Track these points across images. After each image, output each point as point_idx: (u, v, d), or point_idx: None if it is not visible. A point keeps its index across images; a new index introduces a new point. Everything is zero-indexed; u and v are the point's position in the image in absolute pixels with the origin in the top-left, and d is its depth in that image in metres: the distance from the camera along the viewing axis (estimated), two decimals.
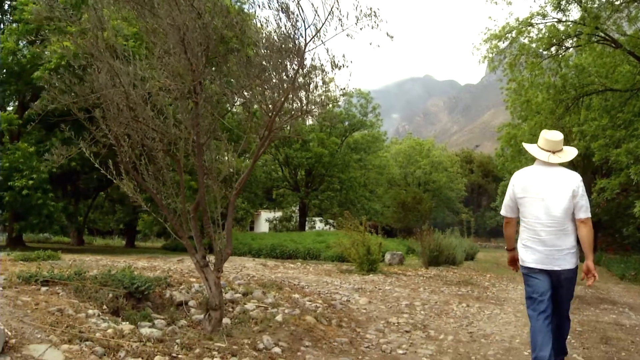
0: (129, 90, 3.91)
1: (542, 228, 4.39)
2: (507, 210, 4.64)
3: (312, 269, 10.49)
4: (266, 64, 4.52)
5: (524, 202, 4.50)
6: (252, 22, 4.58)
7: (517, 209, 4.56)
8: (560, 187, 4.37)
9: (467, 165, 63.19)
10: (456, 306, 6.88)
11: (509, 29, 23.70)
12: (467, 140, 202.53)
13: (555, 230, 4.37)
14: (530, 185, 4.49)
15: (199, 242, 4.68)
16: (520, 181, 4.56)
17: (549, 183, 4.43)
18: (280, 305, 5.53)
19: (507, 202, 4.65)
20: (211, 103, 4.50)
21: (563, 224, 4.37)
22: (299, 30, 4.55)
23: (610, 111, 22.15)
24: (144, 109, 4.06)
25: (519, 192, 4.51)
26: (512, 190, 4.57)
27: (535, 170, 4.54)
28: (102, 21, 3.92)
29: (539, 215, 4.41)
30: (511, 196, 4.58)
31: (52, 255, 8.46)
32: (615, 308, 7.98)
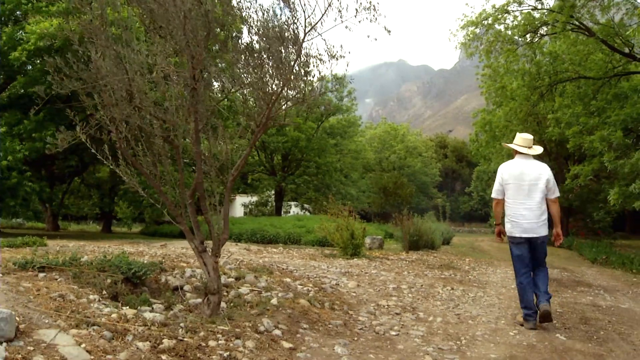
0: (135, 77, 3.95)
1: (525, 207, 5.79)
2: (497, 194, 5.96)
3: (296, 254, 10.61)
4: (265, 52, 4.59)
5: (510, 187, 5.86)
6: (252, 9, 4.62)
7: (504, 192, 5.90)
8: (537, 175, 5.81)
9: (441, 150, 63.82)
10: (441, 289, 7.07)
11: (485, 16, 23.94)
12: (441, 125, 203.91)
13: (534, 208, 5.79)
14: (514, 174, 5.84)
15: (196, 227, 4.75)
16: (507, 171, 5.92)
17: (529, 172, 5.83)
18: (273, 289, 5.64)
19: (497, 188, 5.96)
20: (210, 90, 4.56)
21: (539, 203, 5.81)
22: (298, 20, 4.63)
23: (584, 98, 22.59)
24: (146, 96, 4.11)
25: (507, 179, 5.88)
26: (501, 177, 5.93)
27: (517, 163, 5.91)
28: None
29: (522, 197, 5.80)
30: (500, 182, 5.92)
31: (37, 241, 8.42)
32: (591, 290, 8.27)
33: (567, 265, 13.73)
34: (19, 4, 15.52)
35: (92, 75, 3.98)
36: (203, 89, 4.37)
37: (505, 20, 23.91)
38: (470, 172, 58.59)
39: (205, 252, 4.70)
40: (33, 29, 14.10)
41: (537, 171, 5.82)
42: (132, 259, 6.62)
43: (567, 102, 23.39)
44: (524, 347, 4.77)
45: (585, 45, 21.47)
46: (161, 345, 3.47)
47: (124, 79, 3.97)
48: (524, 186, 5.80)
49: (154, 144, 4.61)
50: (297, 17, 4.71)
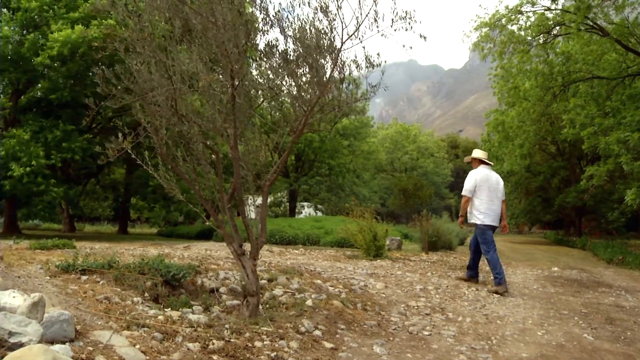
0: (182, 87, 4.09)
1: (493, 202, 7.83)
2: (470, 193, 7.87)
3: (319, 255, 10.75)
4: (302, 60, 4.73)
5: (483, 188, 7.82)
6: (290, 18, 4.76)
7: (475, 192, 7.82)
8: (499, 181, 8.09)
9: (453, 150, 63.77)
10: (466, 290, 7.17)
11: (498, 17, 23.97)
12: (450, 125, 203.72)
13: (498, 204, 7.91)
14: (485, 179, 7.88)
15: (235, 231, 4.89)
16: (480, 176, 7.89)
17: (495, 179, 8.09)
18: (306, 290, 5.77)
19: (470, 188, 7.87)
20: (249, 97, 4.70)
21: (500, 200, 7.95)
22: (335, 30, 4.76)
23: (598, 99, 22.57)
24: (190, 105, 4.25)
25: (480, 183, 7.84)
26: (475, 180, 7.86)
27: (486, 171, 8.01)
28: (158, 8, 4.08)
29: (492, 196, 7.82)
30: (473, 184, 7.86)
31: (67, 243, 8.59)
32: (612, 291, 8.33)
33: (584, 266, 13.76)
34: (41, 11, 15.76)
35: (140, 87, 4.12)
36: (242, 97, 4.50)
37: (518, 21, 23.96)
38: None
39: (244, 256, 4.84)
40: (56, 36, 14.32)
41: (498, 179, 8.17)
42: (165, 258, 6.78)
43: (581, 102, 23.39)
44: (553, 346, 4.87)
45: (599, 45, 21.45)
46: (211, 346, 3.61)
47: (170, 89, 4.10)
48: (493, 189, 7.86)
49: (194, 149, 4.76)
50: (335, 26, 4.85)
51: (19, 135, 14.97)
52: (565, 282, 8.98)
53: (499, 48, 23.87)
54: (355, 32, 4.90)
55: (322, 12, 4.79)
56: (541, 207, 36.41)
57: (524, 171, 34.22)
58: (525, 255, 18.85)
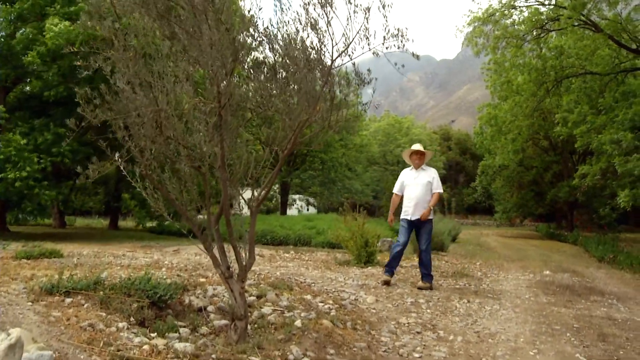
0: (167, 109, 3.97)
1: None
2: (399, 190, 8.28)
3: (309, 260, 10.67)
4: (291, 78, 4.61)
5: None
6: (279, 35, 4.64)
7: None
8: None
9: (445, 142, 63.78)
10: (458, 303, 7.10)
11: (492, 11, 23.86)
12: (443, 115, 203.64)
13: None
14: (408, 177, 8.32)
15: (222, 253, 4.78)
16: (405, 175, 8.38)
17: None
18: (295, 307, 5.68)
19: (398, 187, 8.29)
20: (236, 116, 4.58)
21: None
22: (325, 47, 4.65)
23: (590, 94, 22.55)
24: (175, 127, 4.13)
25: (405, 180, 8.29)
26: (403, 180, 8.30)
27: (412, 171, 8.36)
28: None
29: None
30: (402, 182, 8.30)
31: (54, 251, 8.48)
32: (604, 300, 8.30)
33: (575, 266, 13.77)
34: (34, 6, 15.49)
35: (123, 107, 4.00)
36: (229, 116, 4.39)
37: (511, 16, 23.86)
38: (474, 165, 58.54)
39: (232, 278, 4.74)
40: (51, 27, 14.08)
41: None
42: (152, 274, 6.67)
43: (574, 98, 23.39)
44: None
45: (592, 40, 21.39)
46: None
47: (154, 110, 3.98)
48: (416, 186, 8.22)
49: (180, 170, 4.64)
50: (325, 42, 4.74)
51: (15, 141, 14.74)
52: (557, 289, 8.94)
53: (492, 43, 23.78)
54: (345, 50, 4.79)
55: (312, 29, 4.67)
56: (533, 201, 36.55)
57: (516, 165, 34.30)
58: (518, 253, 18.87)
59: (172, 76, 4.34)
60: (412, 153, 8.32)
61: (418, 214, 7.93)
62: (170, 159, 4.53)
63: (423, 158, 8.29)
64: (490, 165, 35.47)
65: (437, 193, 8.16)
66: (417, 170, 8.18)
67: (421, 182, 8.04)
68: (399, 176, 8.42)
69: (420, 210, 7.91)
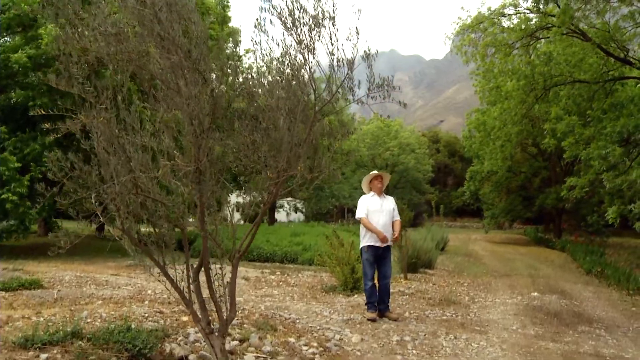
0: (142, 177, 3.84)
1: None
2: (366, 215, 7.85)
3: (295, 284, 10.56)
4: (272, 130, 4.49)
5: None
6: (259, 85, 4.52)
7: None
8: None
9: (434, 145, 63.83)
10: (445, 340, 6.99)
11: (480, 19, 23.85)
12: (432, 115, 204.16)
13: None
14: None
15: (202, 308, 4.66)
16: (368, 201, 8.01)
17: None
18: (279, 353, 5.55)
19: (364, 211, 7.89)
20: (216, 169, 4.45)
21: None
22: (308, 97, 4.55)
23: (580, 103, 22.57)
24: (152, 190, 4.00)
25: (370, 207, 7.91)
26: (367, 205, 7.95)
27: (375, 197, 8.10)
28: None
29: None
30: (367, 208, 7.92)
31: (33, 281, 8.29)
32: (592, 330, 8.23)
33: (564, 283, 13.77)
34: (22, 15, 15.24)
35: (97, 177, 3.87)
36: (208, 174, 4.25)
37: (501, 23, 23.83)
38: (463, 167, 58.62)
39: (213, 334, 4.61)
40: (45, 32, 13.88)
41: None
42: (129, 306, 6.53)
43: (562, 105, 23.41)
44: None
45: (581, 48, 21.39)
46: None
47: (129, 177, 3.84)
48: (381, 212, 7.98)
49: (159, 225, 4.50)
50: (308, 92, 4.63)
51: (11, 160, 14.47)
52: (545, 317, 8.87)
53: (481, 50, 23.78)
54: (329, 101, 4.70)
55: (295, 80, 4.55)
56: (521, 206, 36.60)
57: (504, 170, 34.35)
58: (505, 265, 18.84)
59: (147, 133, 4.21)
60: (373, 178, 8.18)
61: (389, 241, 7.84)
62: (148, 217, 4.39)
63: (383, 182, 8.20)
64: (478, 171, 35.49)
65: (399, 220, 8.15)
66: (379, 196, 8.07)
67: (387, 208, 7.95)
68: (360, 202, 8.14)
69: (390, 237, 7.85)
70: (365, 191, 8.30)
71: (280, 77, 4.58)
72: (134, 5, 3.82)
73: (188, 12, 4.17)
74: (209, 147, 4.05)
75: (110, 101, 3.88)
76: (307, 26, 4.28)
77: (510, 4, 23.80)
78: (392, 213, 7.95)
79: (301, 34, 4.34)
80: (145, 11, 3.82)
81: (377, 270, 7.88)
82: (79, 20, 4.02)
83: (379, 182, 8.09)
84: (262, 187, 4.67)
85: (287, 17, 4.36)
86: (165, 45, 3.91)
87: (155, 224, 4.47)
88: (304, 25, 4.28)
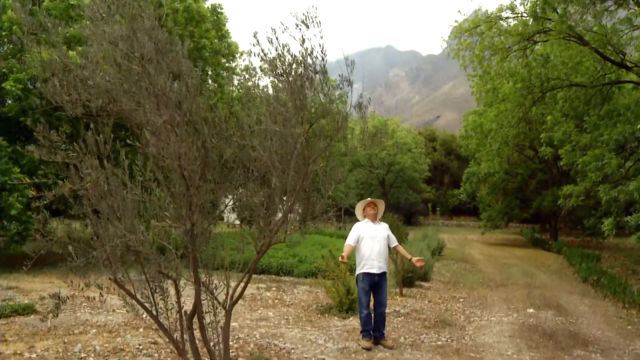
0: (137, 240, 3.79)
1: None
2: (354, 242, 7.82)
3: (291, 303, 10.52)
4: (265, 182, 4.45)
5: None
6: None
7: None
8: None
9: (430, 143, 63.74)
10: None
11: (477, 22, 23.80)
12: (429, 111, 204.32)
13: None
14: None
15: (196, 356, 4.62)
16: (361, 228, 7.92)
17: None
18: None
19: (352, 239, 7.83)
20: (208, 220, 4.39)
21: None
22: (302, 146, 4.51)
23: (577, 107, 22.56)
24: (144, 248, 3.95)
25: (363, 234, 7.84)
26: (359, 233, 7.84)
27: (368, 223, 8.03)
28: None
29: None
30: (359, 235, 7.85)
31: (27, 307, 8.24)
32: (588, 355, 8.20)
33: (560, 294, 13.77)
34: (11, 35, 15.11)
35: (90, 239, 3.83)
36: (200, 228, 4.20)
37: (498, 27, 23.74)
38: (459, 165, 58.58)
39: None
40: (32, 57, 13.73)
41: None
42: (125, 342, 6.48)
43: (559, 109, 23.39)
44: None
45: (578, 51, 21.35)
46: None
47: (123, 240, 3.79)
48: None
49: (151, 275, 4.46)
50: (302, 142, 4.58)
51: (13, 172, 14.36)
52: (541, 339, 8.84)
53: (478, 52, 23.74)
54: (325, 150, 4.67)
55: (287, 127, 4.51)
56: (518, 208, 36.61)
57: (502, 173, 34.35)
58: (502, 272, 18.84)
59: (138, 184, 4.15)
60: (366, 205, 8.10)
61: (385, 267, 7.78)
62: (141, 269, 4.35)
63: (377, 209, 8.12)
64: (474, 173, 35.49)
65: (400, 247, 8.31)
66: (374, 223, 7.99)
67: (382, 235, 7.86)
68: (353, 228, 8.02)
69: (385, 264, 7.78)
70: (359, 218, 8.22)
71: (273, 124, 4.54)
72: (121, 61, 3.76)
73: (178, 62, 4.10)
74: (200, 204, 3.99)
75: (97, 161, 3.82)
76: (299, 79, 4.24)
77: (507, 7, 23.76)
78: (386, 240, 7.89)
79: (293, 85, 4.29)
80: (132, 67, 3.75)
81: (373, 298, 7.78)
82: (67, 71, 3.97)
83: (372, 209, 8.02)
84: (256, 237, 4.63)
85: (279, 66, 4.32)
86: (155, 101, 3.85)
87: (147, 274, 4.43)
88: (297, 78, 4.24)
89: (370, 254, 7.67)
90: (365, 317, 7.61)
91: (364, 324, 7.63)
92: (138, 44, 3.76)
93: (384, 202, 8.55)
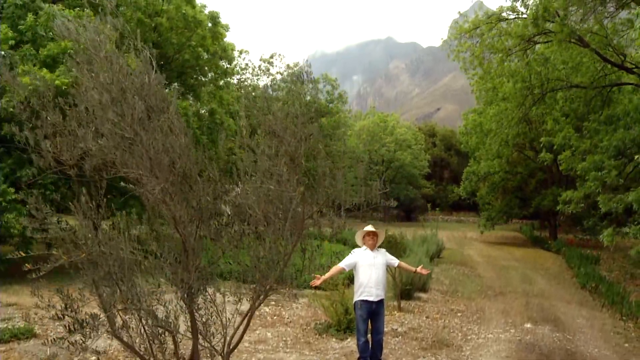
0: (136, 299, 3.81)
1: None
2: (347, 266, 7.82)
3: (290, 320, 10.56)
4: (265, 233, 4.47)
5: None
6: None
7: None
8: None
9: (430, 138, 63.77)
10: None
11: (478, 23, 23.75)
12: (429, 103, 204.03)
13: None
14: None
15: None
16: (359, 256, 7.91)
17: None
18: None
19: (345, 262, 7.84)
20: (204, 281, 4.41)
21: None
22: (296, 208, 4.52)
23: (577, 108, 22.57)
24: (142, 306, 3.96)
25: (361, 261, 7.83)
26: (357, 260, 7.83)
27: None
28: None
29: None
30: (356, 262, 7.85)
31: (26, 330, 8.25)
32: None
33: (558, 304, 13.81)
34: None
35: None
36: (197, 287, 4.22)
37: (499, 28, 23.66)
38: (459, 161, 58.63)
39: None
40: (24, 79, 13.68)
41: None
42: None
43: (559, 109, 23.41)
44: None
45: (578, 52, 21.30)
46: None
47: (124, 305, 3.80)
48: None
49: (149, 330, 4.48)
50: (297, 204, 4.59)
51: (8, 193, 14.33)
52: None
53: (478, 53, 23.69)
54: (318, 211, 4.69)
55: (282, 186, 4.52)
56: (517, 207, 36.67)
57: (501, 172, 34.40)
58: (500, 277, 18.89)
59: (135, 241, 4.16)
60: (365, 234, 8.06)
61: (382, 295, 7.78)
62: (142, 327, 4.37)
63: (376, 239, 8.11)
64: (474, 172, 35.51)
65: (402, 263, 8.41)
66: (372, 251, 7.99)
67: (380, 262, 7.83)
68: (350, 254, 7.99)
69: (383, 291, 7.79)
70: (359, 244, 8.21)
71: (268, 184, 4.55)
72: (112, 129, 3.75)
73: (170, 122, 4.09)
74: (196, 266, 4.00)
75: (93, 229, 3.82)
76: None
77: (508, 8, 23.68)
78: (384, 267, 7.90)
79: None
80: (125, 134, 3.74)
81: (371, 325, 7.78)
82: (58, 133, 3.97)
83: (372, 239, 8.00)
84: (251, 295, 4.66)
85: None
86: (149, 164, 3.85)
87: (145, 326, 4.44)
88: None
89: (369, 281, 7.66)
90: (363, 345, 7.63)
91: (362, 350, 7.66)
92: (127, 106, 3.75)
93: (384, 232, 8.55)
